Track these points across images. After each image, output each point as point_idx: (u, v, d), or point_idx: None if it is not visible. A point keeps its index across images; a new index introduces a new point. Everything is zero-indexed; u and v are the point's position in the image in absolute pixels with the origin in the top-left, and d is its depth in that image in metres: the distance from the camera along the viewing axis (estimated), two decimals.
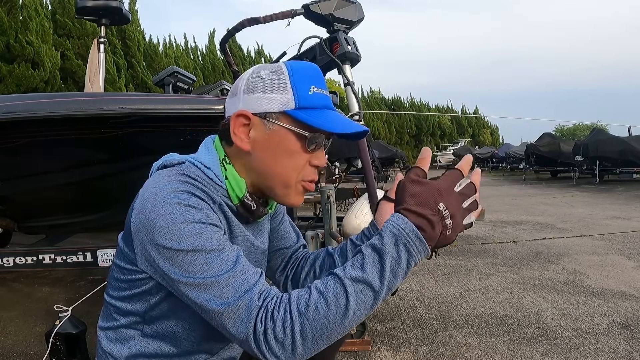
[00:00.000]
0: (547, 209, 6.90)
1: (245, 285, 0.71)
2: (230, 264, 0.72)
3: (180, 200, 0.74)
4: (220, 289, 0.70)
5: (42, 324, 2.32)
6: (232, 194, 0.85)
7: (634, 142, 11.16)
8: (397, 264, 0.67)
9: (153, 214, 0.73)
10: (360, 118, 1.88)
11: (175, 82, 2.84)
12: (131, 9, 12.39)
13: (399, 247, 0.67)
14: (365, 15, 1.93)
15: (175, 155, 0.89)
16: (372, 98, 31.06)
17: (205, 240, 0.73)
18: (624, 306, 2.48)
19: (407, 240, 0.67)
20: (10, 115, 1.66)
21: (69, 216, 2.58)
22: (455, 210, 0.68)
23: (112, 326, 0.89)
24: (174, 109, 1.75)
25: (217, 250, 0.72)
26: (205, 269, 0.71)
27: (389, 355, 1.95)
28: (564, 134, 36.46)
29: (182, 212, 0.73)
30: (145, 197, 0.76)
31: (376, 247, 0.68)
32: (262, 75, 0.82)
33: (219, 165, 0.85)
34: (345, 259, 1.02)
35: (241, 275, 0.72)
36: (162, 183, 0.77)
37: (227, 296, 0.70)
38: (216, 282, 0.71)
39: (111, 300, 0.89)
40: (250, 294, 0.70)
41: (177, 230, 0.72)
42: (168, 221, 0.73)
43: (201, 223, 0.74)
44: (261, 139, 0.82)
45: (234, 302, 0.70)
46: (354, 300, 0.66)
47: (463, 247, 4.15)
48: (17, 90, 8.63)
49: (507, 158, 19.05)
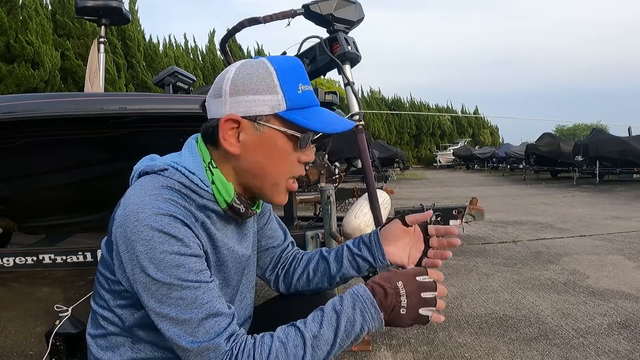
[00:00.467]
0: (547, 209, 6.90)
1: (216, 328, 0.73)
2: (205, 303, 0.73)
3: (161, 227, 0.73)
4: (192, 327, 0.72)
5: (42, 324, 2.32)
6: (219, 198, 0.83)
7: (634, 142, 11.16)
8: (351, 325, 0.75)
9: (134, 235, 0.73)
10: (360, 118, 1.88)
11: (175, 82, 2.84)
12: (131, 9, 12.40)
13: (355, 311, 0.76)
14: (365, 15, 1.93)
15: (156, 159, 0.87)
16: (372, 98, 31.07)
17: (183, 273, 0.73)
18: (624, 306, 2.48)
19: (363, 306, 0.76)
20: (10, 115, 1.66)
21: (69, 216, 2.58)
22: (412, 292, 0.77)
23: (101, 334, 0.88)
24: (174, 109, 1.75)
25: (193, 288, 0.73)
26: (180, 304, 0.73)
27: (389, 355, 1.95)
28: (564, 134, 36.47)
29: (162, 240, 0.72)
30: (127, 213, 0.74)
31: (335, 308, 0.76)
32: (248, 76, 0.79)
33: (204, 170, 0.83)
34: (340, 265, 1.02)
35: (214, 318, 0.73)
36: (144, 201, 0.75)
37: (197, 335, 0.72)
38: (189, 320, 0.72)
39: (97, 309, 0.88)
40: (219, 338, 0.73)
41: (156, 259, 0.72)
42: (147, 248, 0.72)
43: (180, 255, 0.73)
44: (251, 142, 0.80)
45: (204, 342, 0.72)
46: (309, 354, 0.73)
47: (463, 247, 4.15)
48: (17, 90, 8.63)
49: (507, 158, 19.04)
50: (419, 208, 2.16)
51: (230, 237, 0.90)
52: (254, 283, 1.06)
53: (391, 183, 13.54)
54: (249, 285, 1.01)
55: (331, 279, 1.03)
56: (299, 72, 0.83)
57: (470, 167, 25.62)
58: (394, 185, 12.33)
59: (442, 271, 0.91)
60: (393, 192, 3.86)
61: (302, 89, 0.81)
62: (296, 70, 0.83)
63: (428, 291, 0.78)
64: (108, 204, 2.43)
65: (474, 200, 2.31)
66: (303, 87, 0.82)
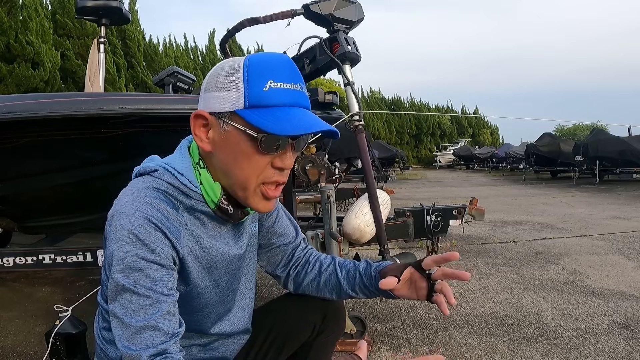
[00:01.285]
0: (547, 209, 6.90)
1: (149, 342, 0.73)
2: (148, 315, 0.74)
3: (132, 228, 0.75)
4: (130, 333, 0.73)
5: (42, 324, 2.32)
6: (207, 198, 0.83)
7: (634, 142, 11.16)
8: None
9: (111, 233, 0.77)
10: (360, 118, 1.88)
11: (175, 82, 2.84)
12: (131, 9, 12.39)
13: None
14: (365, 15, 1.93)
15: (155, 159, 0.88)
16: (372, 98, 31.06)
17: (139, 277, 0.74)
18: (624, 306, 2.48)
19: None
20: (10, 115, 1.66)
21: (69, 216, 2.58)
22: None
23: (106, 327, 0.90)
24: (174, 109, 1.75)
25: (143, 296, 0.74)
26: (127, 307, 0.74)
27: (389, 355, 1.95)
28: (564, 134, 36.45)
29: (129, 241, 0.75)
30: (112, 213, 0.79)
31: None
32: (219, 72, 0.79)
33: (193, 170, 0.83)
34: (351, 287, 1.03)
35: (151, 331, 0.74)
36: (128, 201, 0.78)
37: (132, 342, 0.73)
38: (129, 324, 0.74)
39: (102, 303, 0.91)
40: (146, 352, 0.73)
41: (119, 258, 0.75)
42: (117, 246, 0.75)
43: (142, 259, 0.75)
44: (219, 140, 0.79)
45: (132, 351, 0.73)
46: None
47: (463, 247, 4.15)
48: (17, 90, 8.64)
49: (507, 158, 19.05)
50: (419, 208, 2.16)
51: (222, 238, 0.90)
52: (253, 283, 1.07)
53: (391, 183, 13.54)
54: (249, 285, 1.02)
55: (339, 294, 1.06)
56: (274, 68, 0.76)
57: (470, 167, 25.62)
58: (394, 185, 12.33)
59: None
60: (393, 192, 3.86)
61: (270, 86, 0.75)
62: (271, 64, 0.76)
63: None
64: (108, 204, 2.43)
65: (474, 201, 2.31)
66: (274, 84, 0.75)
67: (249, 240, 0.99)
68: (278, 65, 0.77)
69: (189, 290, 0.87)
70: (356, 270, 1.03)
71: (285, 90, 0.76)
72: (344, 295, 1.05)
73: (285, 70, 0.77)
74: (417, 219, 2.13)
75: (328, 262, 1.08)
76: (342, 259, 1.09)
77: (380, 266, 1.01)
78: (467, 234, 4.66)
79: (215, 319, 0.94)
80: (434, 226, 2.13)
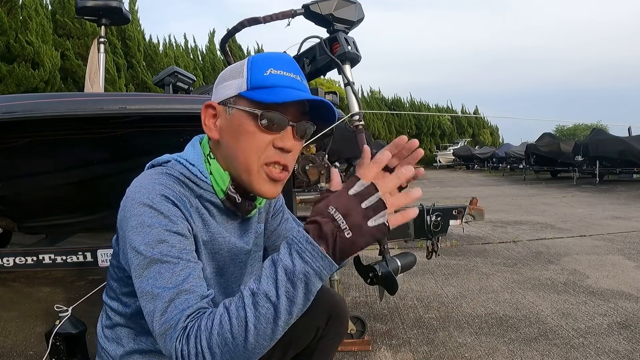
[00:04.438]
0: (547, 209, 6.90)
1: (184, 305, 0.71)
2: (181, 280, 0.73)
3: (152, 204, 0.77)
4: (164, 303, 0.71)
5: (42, 324, 2.32)
6: (217, 188, 0.87)
7: (634, 142, 11.16)
8: (291, 273, 0.65)
9: (128, 213, 0.78)
10: (360, 118, 1.88)
11: (175, 82, 2.84)
12: (131, 9, 12.39)
13: (292, 256, 0.66)
14: (365, 15, 1.93)
15: (165, 156, 0.91)
16: (372, 98, 31.07)
17: (166, 248, 0.75)
18: (624, 306, 2.48)
19: (298, 247, 0.66)
20: (10, 115, 1.66)
21: (69, 216, 2.58)
22: (349, 210, 0.65)
23: (109, 325, 0.93)
24: (174, 109, 1.75)
25: (172, 263, 0.74)
26: (157, 278, 0.73)
27: (389, 355, 1.95)
28: (564, 134, 36.45)
29: (151, 215, 0.76)
30: (126, 196, 0.81)
31: (273, 259, 0.68)
32: (228, 69, 0.87)
33: (204, 162, 0.88)
34: None
35: (185, 295, 0.72)
36: (142, 185, 0.80)
37: (166, 312, 0.71)
38: (161, 295, 0.72)
39: (107, 300, 0.93)
40: (182, 314, 0.70)
41: (143, 232, 0.75)
42: (137, 222, 0.76)
43: (165, 230, 0.76)
44: (225, 126, 0.85)
45: (169, 321, 0.70)
46: (252, 313, 0.65)
47: (463, 247, 4.15)
48: (17, 90, 8.63)
49: (507, 158, 19.04)
50: (419, 208, 2.16)
51: (229, 229, 0.92)
52: None
53: None
54: None
55: None
56: (275, 59, 0.84)
57: (470, 167, 25.61)
58: None
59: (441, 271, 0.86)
60: None
61: (271, 72, 0.82)
62: (272, 57, 0.84)
63: (368, 198, 0.65)
64: (108, 204, 2.44)
65: (474, 200, 2.30)
66: (275, 71, 0.82)
67: (255, 239, 1.01)
68: (279, 59, 0.85)
69: None
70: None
71: (285, 76, 0.83)
72: None
73: (286, 63, 0.85)
74: (417, 219, 2.12)
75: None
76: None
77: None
78: (467, 234, 4.66)
79: None
80: (434, 226, 2.13)
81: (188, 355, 0.67)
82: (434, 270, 3.28)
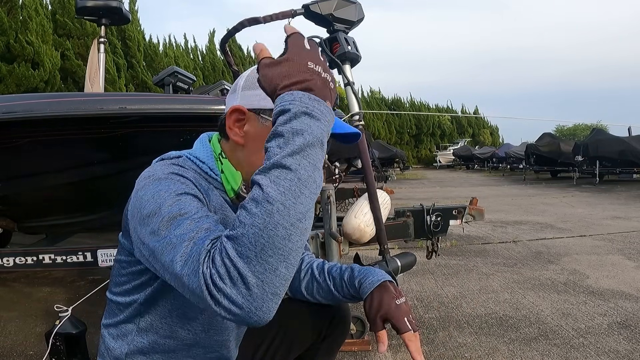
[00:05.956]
0: (547, 209, 6.90)
1: (206, 236, 0.65)
2: (201, 223, 0.68)
3: (166, 176, 0.77)
4: (185, 244, 0.65)
5: (42, 324, 2.32)
6: (227, 186, 0.87)
7: (634, 142, 11.16)
8: (299, 133, 0.61)
9: (142, 191, 0.76)
10: (360, 118, 1.88)
11: (175, 82, 2.84)
12: (131, 9, 12.39)
13: (299, 118, 0.61)
14: (365, 15, 1.93)
15: (174, 152, 0.91)
16: (372, 98, 31.06)
17: (184, 204, 0.71)
18: (624, 306, 2.48)
19: (304, 107, 0.62)
20: (10, 115, 1.66)
21: (69, 216, 2.58)
22: (322, 64, 0.68)
23: (113, 322, 0.92)
24: (174, 109, 1.75)
25: (189, 215, 0.69)
26: (175, 229, 0.67)
27: (389, 355, 1.95)
28: (564, 134, 36.45)
29: (169, 183, 0.75)
30: (139, 180, 0.80)
31: (275, 132, 0.63)
32: None
33: (214, 160, 0.88)
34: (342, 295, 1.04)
35: (206, 231, 0.66)
36: (155, 168, 0.81)
37: (189, 250, 0.64)
38: (183, 237, 0.66)
39: (112, 297, 0.93)
40: (205, 241, 0.64)
41: (161, 197, 0.73)
42: (153, 192, 0.74)
43: (182, 192, 0.74)
44: (254, 133, 0.84)
45: (194, 253, 0.63)
46: (273, 190, 0.58)
47: (463, 247, 4.15)
48: (17, 90, 8.64)
49: (507, 158, 19.03)
50: (419, 208, 2.16)
51: None
52: None
53: (391, 183, 13.54)
54: None
55: (333, 300, 1.08)
56: None
57: (470, 167, 25.61)
58: (394, 185, 12.32)
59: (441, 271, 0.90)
60: (393, 192, 3.87)
61: None
62: None
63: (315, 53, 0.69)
64: (108, 204, 2.44)
65: (474, 200, 2.31)
66: None
67: None
68: None
69: None
70: (342, 279, 1.04)
71: None
72: (336, 301, 1.08)
73: None
74: (417, 219, 2.13)
75: (319, 269, 1.10)
76: (330, 264, 1.10)
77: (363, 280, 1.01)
78: (467, 234, 4.66)
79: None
80: (434, 226, 2.13)
81: (219, 277, 0.58)
82: (434, 270, 3.28)
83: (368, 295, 0.97)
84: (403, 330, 0.93)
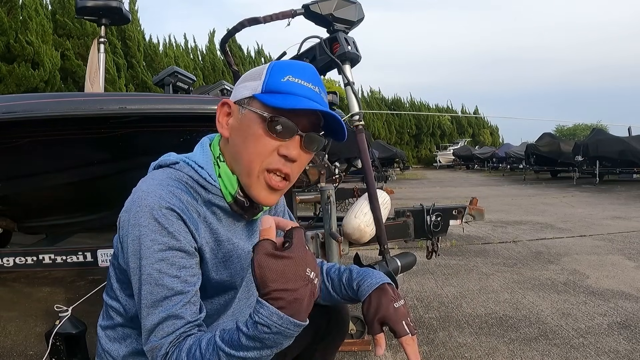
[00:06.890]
0: (547, 209, 6.90)
1: (170, 329, 0.76)
2: (170, 306, 0.76)
3: (157, 217, 0.77)
4: (152, 324, 0.76)
5: (42, 324, 2.32)
6: (225, 191, 0.87)
7: (634, 142, 11.16)
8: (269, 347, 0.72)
9: (133, 220, 0.78)
10: (360, 118, 1.88)
11: (175, 82, 2.84)
12: (131, 9, 12.39)
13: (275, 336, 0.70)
14: (365, 15, 1.93)
15: (172, 155, 0.91)
16: (372, 98, 31.06)
17: (165, 266, 0.77)
18: (624, 306, 2.48)
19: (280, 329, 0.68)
20: (10, 115, 1.66)
21: (69, 216, 2.58)
22: (316, 270, 0.71)
23: (111, 325, 0.92)
24: (174, 109, 1.75)
25: (167, 288, 0.76)
26: (147, 298, 0.77)
27: (389, 355, 1.95)
28: (564, 134, 36.44)
29: (154, 229, 0.77)
30: (133, 199, 0.80)
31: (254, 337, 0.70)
32: (250, 70, 0.87)
33: (213, 165, 0.87)
34: (340, 295, 1.04)
35: (173, 320, 0.76)
36: (150, 189, 0.80)
37: (154, 334, 0.76)
38: (152, 314, 0.76)
39: (108, 300, 0.92)
40: (167, 339, 0.75)
41: (144, 245, 0.77)
42: (141, 233, 0.77)
43: (168, 248, 0.77)
44: (236, 124, 0.85)
45: (156, 342, 0.76)
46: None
47: (463, 247, 4.15)
48: (17, 90, 8.63)
49: (507, 158, 19.04)
50: (419, 208, 2.16)
51: (237, 234, 0.93)
52: None
53: (391, 183, 13.54)
54: None
55: (331, 301, 1.08)
56: (296, 69, 0.83)
57: (470, 167, 25.62)
58: (394, 185, 12.33)
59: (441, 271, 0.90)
60: (393, 192, 3.86)
61: (288, 79, 0.81)
62: (293, 66, 0.84)
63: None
64: (108, 204, 2.44)
65: (474, 200, 2.30)
66: (292, 78, 0.82)
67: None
68: (300, 68, 0.84)
69: (203, 283, 0.87)
70: (340, 281, 1.04)
71: (302, 85, 0.82)
72: (334, 302, 1.08)
73: (306, 72, 0.85)
74: (417, 219, 2.13)
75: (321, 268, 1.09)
76: (329, 265, 1.09)
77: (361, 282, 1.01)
78: (467, 234, 4.66)
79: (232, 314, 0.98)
80: (434, 226, 2.13)
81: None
82: (434, 270, 3.28)
83: (366, 298, 0.96)
84: (401, 334, 0.92)
